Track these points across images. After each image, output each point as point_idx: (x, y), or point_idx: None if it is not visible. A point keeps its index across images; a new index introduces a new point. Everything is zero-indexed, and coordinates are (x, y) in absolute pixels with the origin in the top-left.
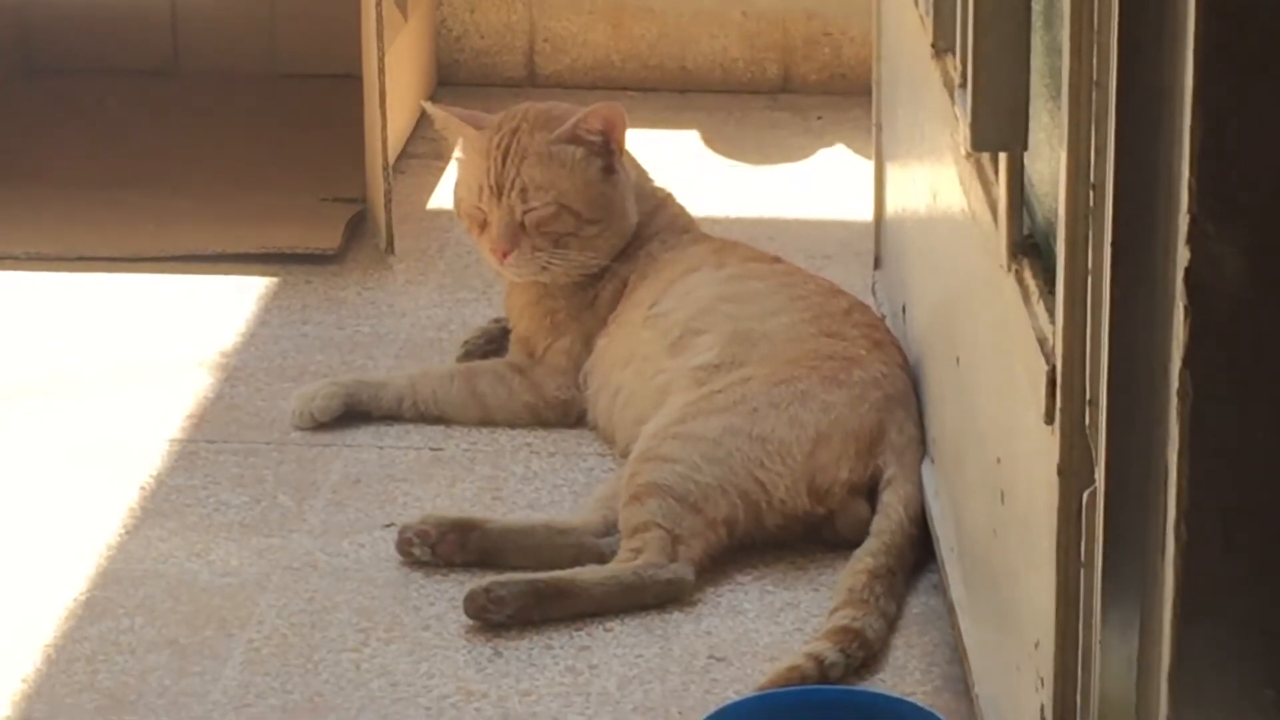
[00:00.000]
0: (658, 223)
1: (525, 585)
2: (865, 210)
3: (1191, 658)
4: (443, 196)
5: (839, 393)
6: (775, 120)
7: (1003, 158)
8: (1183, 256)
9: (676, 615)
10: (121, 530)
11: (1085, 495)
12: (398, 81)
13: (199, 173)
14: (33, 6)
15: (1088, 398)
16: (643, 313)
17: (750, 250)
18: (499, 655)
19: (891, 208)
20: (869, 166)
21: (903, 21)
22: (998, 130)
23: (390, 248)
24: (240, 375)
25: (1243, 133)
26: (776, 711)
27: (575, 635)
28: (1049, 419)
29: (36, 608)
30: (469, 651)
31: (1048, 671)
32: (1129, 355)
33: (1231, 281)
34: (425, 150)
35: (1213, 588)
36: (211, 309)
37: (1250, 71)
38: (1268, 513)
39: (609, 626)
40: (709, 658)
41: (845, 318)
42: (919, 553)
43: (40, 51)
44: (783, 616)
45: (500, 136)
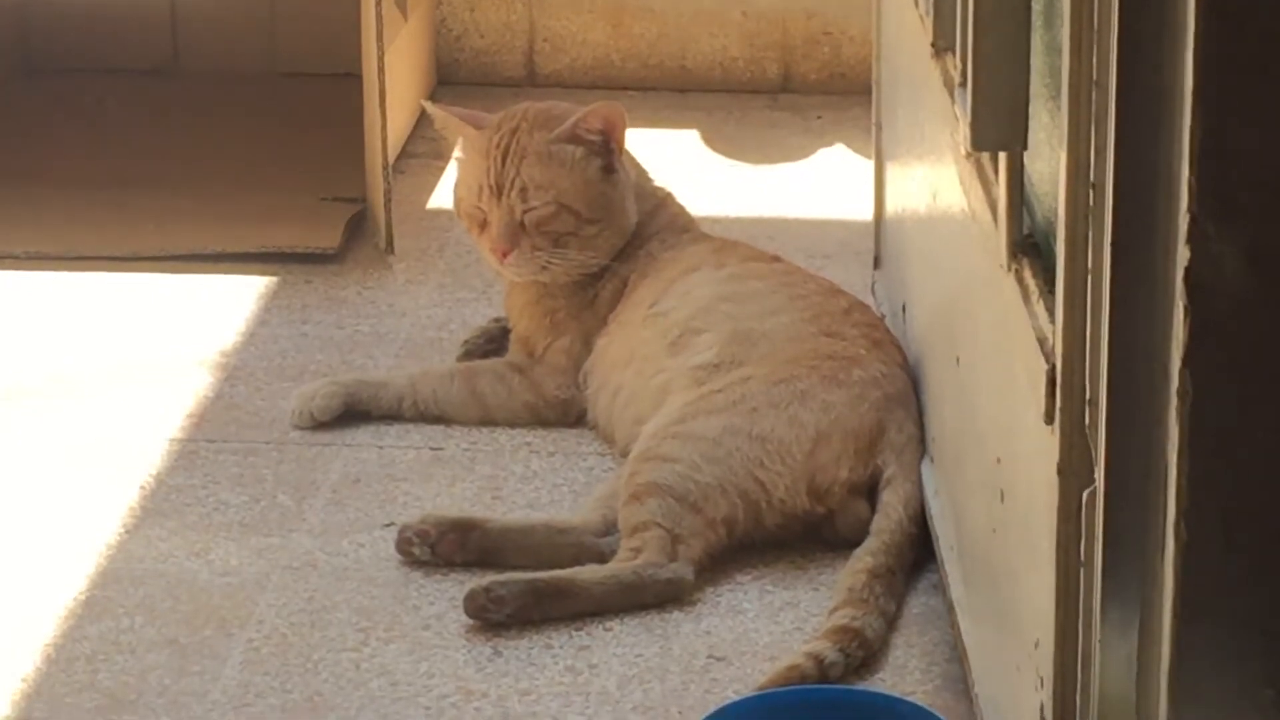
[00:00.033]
0: (657, 222)
1: (525, 585)
2: (865, 210)
3: (1191, 657)
4: (442, 196)
5: (839, 392)
6: (775, 120)
7: (1003, 157)
8: (1183, 256)
9: (676, 615)
10: (121, 529)
11: (1085, 495)
12: (397, 81)
13: (199, 172)
14: (33, 6)
15: (1087, 397)
16: (642, 312)
17: (750, 250)
18: (499, 655)
19: (891, 207)
20: (869, 166)
21: (902, 21)
22: (998, 130)
23: (390, 247)
24: (240, 375)
25: (1243, 133)
26: (776, 711)
27: (575, 635)
28: (1049, 418)
29: (36, 607)
30: (469, 651)
31: (1047, 671)
32: (1129, 355)
33: (1231, 281)
34: (425, 150)
35: (1212, 587)
36: (211, 308)
37: (1250, 71)
38: (1268, 513)
39: (609, 626)
40: (709, 657)
41: (845, 317)
42: (919, 552)
43: (40, 51)
44: (782, 616)
45: (500, 136)
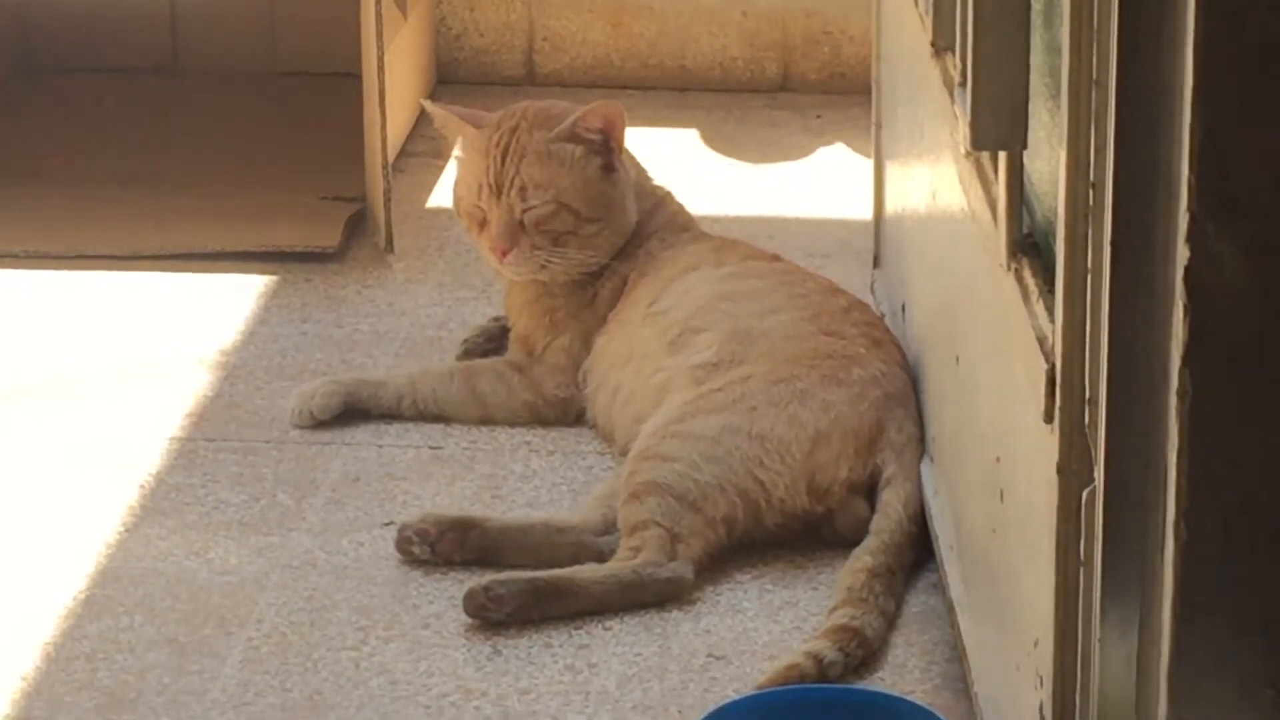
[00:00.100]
0: (657, 221)
1: (524, 584)
2: (864, 209)
3: (1190, 656)
4: (442, 195)
5: (838, 391)
6: (775, 119)
7: (1002, 156)
8: (1182, 255)
9: (675, 614)
10: (121, 528)
11: (1084, 494)
12: (397, 80)
13: (198, 171)
14: (33, 5)
15: (1087, 396)
16: (642, 311)
17: (749, 249)
18: (498, 654)
19: (891, 206)
20: (868, 165)
21: (902, 20)
22: (997, 129)
23: (390, 246)
24: (240, 373)
25: (1243, 132)
26: (775, 710)
27: (574, 634)
28: (1048, 418)
29: (36, 606)
30: (468, 650)
31: (1047, 670)
32: (1128, 354)
33: (1231, 280)
34: (425, 149)
35: (1212, 586)
36: (211, 307)
37: (1250, 71)
38: (1267, 512)
39: (608, 625)
40: (708, 656)
41: (844, 316)
42: (918, 551)
43: (40, 50)
44: (782, 615)
45: (499, 135)
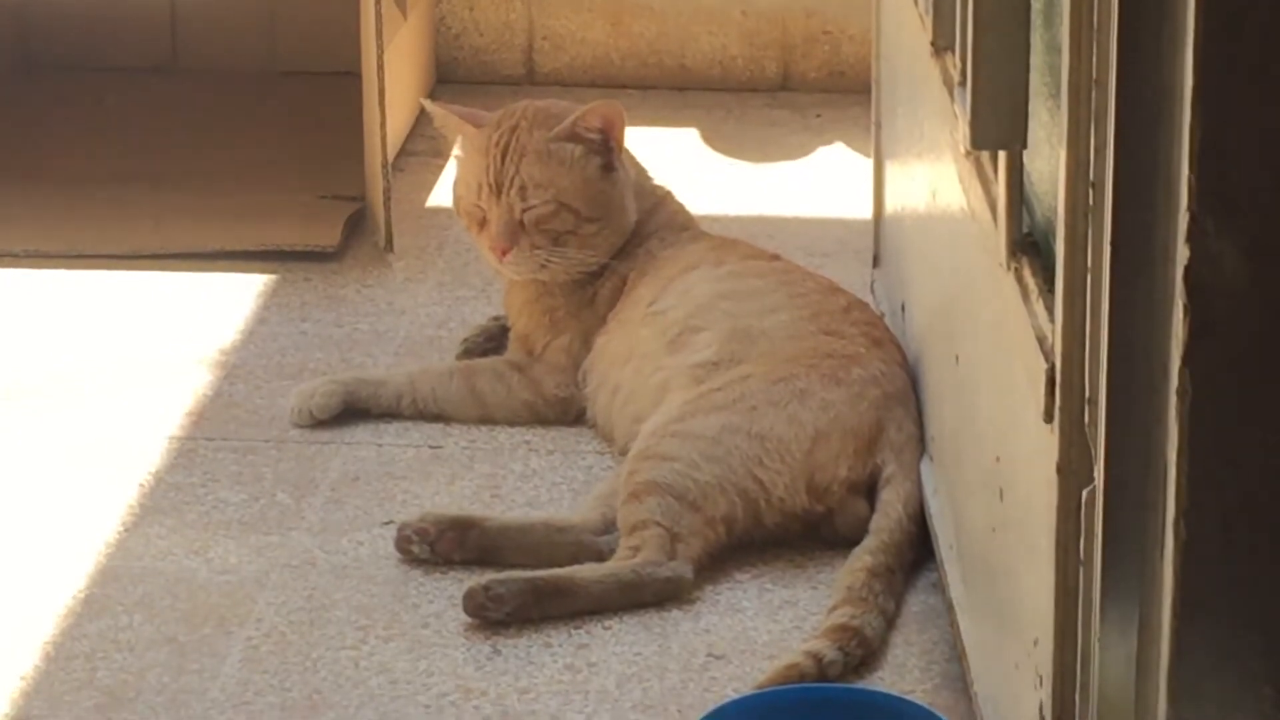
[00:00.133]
0: (657, 220)
1: (524, 583)
2: (864, 208)
3: (1190, 656)
4: (442, 194)
5: (838, 391)
6: (774, 118)
7: (1002, 156)
8: (1182, 255)
9: (675, 613)
10: (120, 528)
11: (1084, 493)
12: (397, 79)
13: (198, 170)
14: (32, 4)
15: (1087, 396)
16: (642, 310)
17: (749, 248)
18: (498, 653)
19: (891, 206)
20: (868, 164)
21: (902, 20)
22: (997, 128)
23: (389, 245)
24: (239, 373)
25: (1243, 131)
26: (775, 709)
27: (574, 633)
28: (1048, 417)
29: (35, 605)
30: (468, 649)
31: (1047, 669)
32: (1128, 353)
33: (1231, 280)
34: (424, 148)
35: (1212, 586)
36: (211, 306)
37: (1250, 71)
38: (1267, 511)
39: (608, 624)
40: (708, 655)
41: (844, 315)
42: (918, 551)
43: (40, 49)
44: (781, 614)
45: (499, 134)
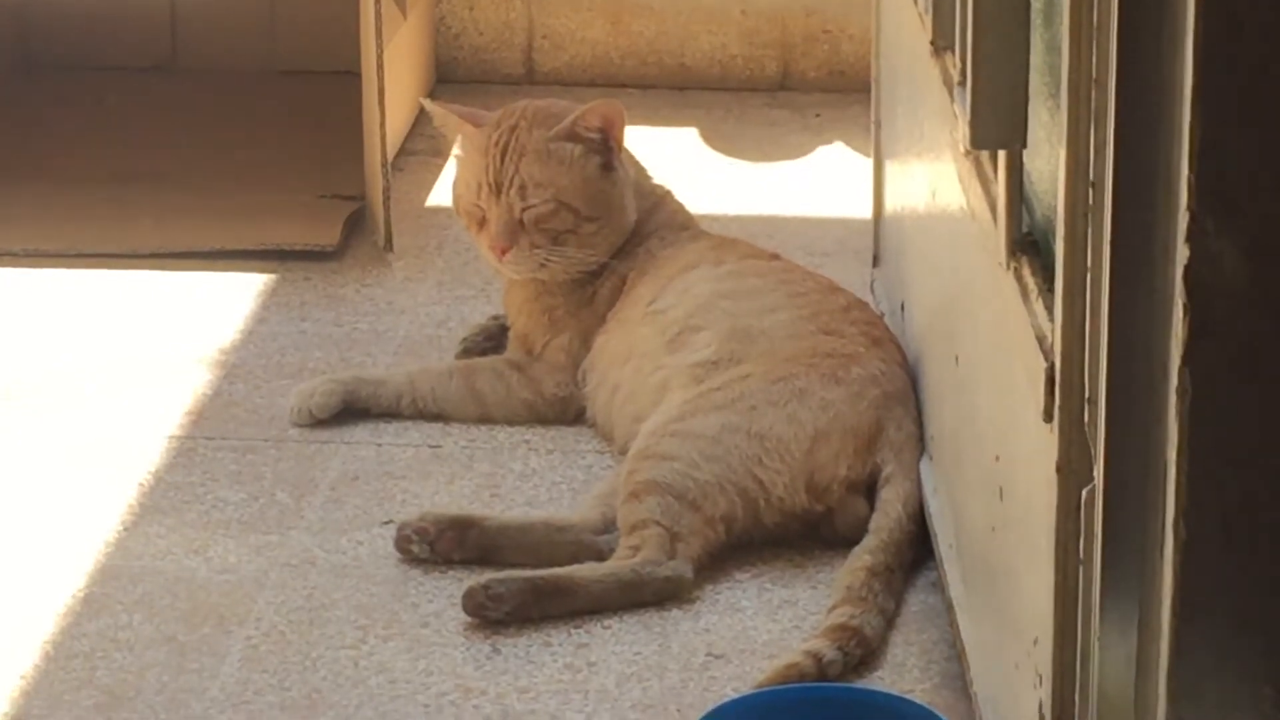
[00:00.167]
0: (656, 220)
1: (524, 582)
2: (864, 208)
3: (1190, 655)
4: (441, 194)
5: (837, 390)
6: (774, 118)
7: (1002, 155)
8: (1182, 254)
9: (675, 613)
10: (120, 527)
11: (1084, 493)
12: (396, 78)
13: (198, 169)
14: (32, 4)
15: (1087, 395)
16: (641, 310)
17: (749, 247)
18: (497, 652)
19: (890, 205)
20: (868, 164)
21: (902, 19)
22: (997, 128)
23: (389, 245)
24: (239, 372)
25: (1243, 132)
26: (775, 709)
27: (574, 632)
28: (1048, 417)
29: (35, 604)
30: (467, 649)
31: (1046, 669)
32: (1128, 353)
33: (1231, 279)
34: (424, 147)
35: (1211, 585)
36: (210, 305)
37: (1250, 71)
38: (1267, 511)
39: (607, 624)
40: (707, 655)
41: (844, 315)
42: (917, 550)
43: (40, 48)
44: (781, 614)
45: (499, 134)
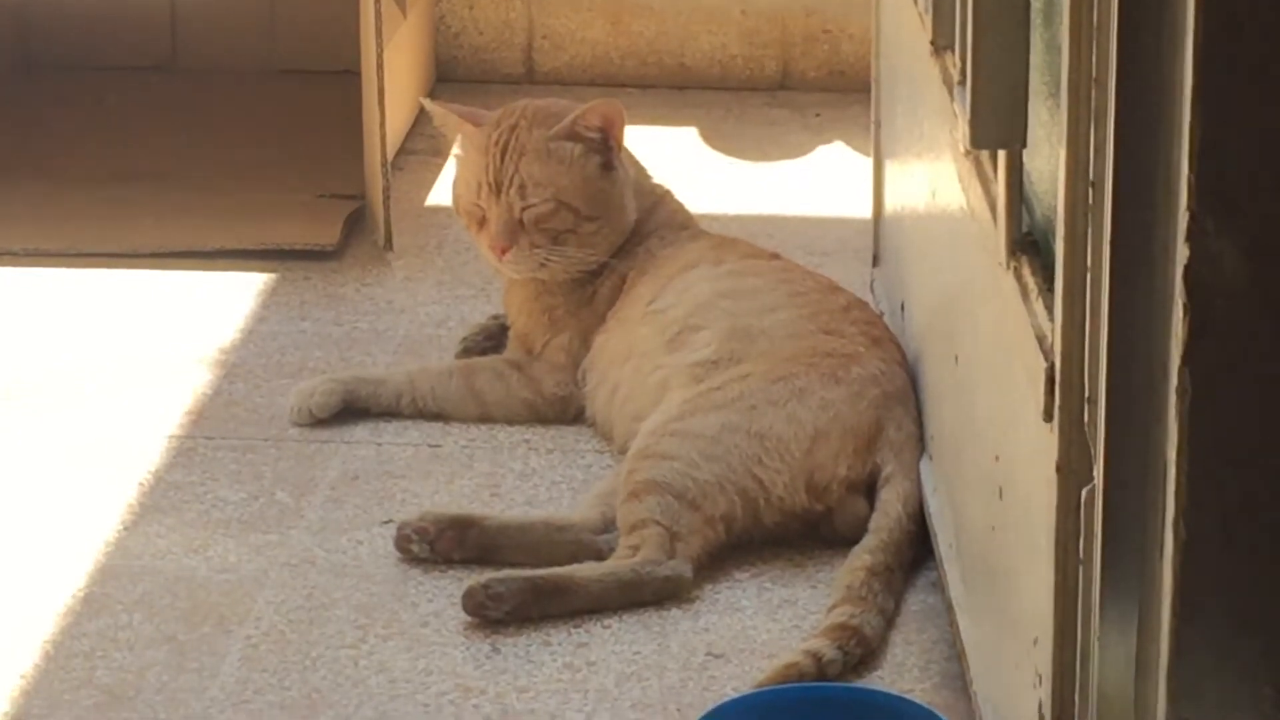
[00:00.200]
0: (656, 219)
1: (523, 582)
2: (864, 207)
3: (1190, 655)
4: (441, 193)
5: (837, 390)
6: (774, 117)
7: (1002, 155)
8: (1182, 254)
9: (674, 612)
10: (120, 526)
11: (1084, 492)
12: (396, 78)
13: (198, 169)
14: (32, 3)
15: (1086, 395)
16: (641, 309)
17: (749, 247)
18: (497, 652)
19: (890, 205)
20: (868, 164)
21: (902, 19)
22: (997, 127)
23: (389, 244)
24: (239, 371)
25: (1243, 131)
26: (774, 709)
27: (573, 632)
28: (1048, 416)
29: (35, 604)
30: (467, 648)
31: (1046, 669)
32: (1128, 352)
33: (1231, 279)
34: (424, 147)
35: (1211, 585)
36: (210, 305)
37: (1250, 71)
38: (1267, 511)
39: (607, 623)
40: (707, 655)
41: (844, 315)
42: (917, 550)
43: (40, 48)
44: (781, 613)
45: (499, 133)
